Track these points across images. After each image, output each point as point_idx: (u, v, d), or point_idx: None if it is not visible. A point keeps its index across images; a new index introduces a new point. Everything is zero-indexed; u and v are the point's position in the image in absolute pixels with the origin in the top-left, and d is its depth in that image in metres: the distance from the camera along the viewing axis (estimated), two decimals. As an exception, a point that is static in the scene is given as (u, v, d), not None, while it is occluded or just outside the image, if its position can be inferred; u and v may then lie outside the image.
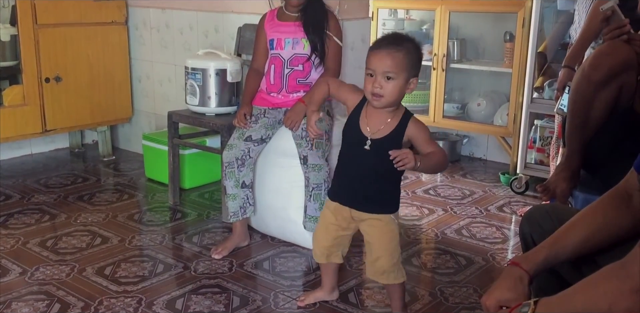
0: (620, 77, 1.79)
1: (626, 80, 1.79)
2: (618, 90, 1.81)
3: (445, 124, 3.97)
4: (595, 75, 1.78)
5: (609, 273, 1.00)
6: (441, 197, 3.34)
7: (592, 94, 1.81)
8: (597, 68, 1.78)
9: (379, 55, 1.78)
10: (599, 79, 1.78)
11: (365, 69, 1.81)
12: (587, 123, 1.86)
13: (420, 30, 4.22)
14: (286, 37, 2.53)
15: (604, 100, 1.82)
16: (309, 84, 2.54)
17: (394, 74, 1.77)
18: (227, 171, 2.54)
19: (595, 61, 1.80)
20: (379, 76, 1.78)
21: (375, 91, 1.79)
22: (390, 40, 1.81)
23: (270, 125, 2.57)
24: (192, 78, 2.93)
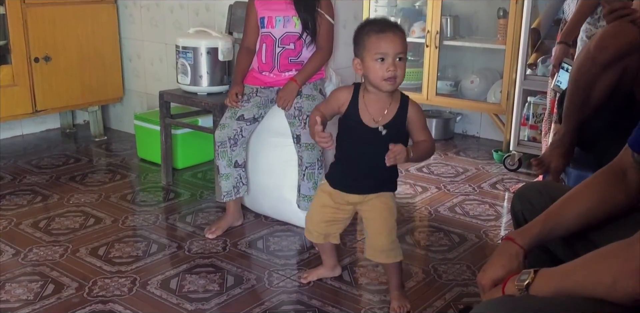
0: (625, 59, 1.78)
1: (630, 62, 1.78)
2: (621, 72, 1.80)
3: (439, 101, 3.95)
4: (601, 57, 1.77)
5: (614, 251, 0.99)
6: (434, 174, 3.34)
7: (596, 75, 1.81)
8: (603, 50, 1.76)
9: (389, 38, 1.76)
10: (604, 61, 1.77)
11: (372, 55, 1.77)
12: (587, 102, 1.86)
13: (413, 7, 4.18)
14: (277, 15, 2.49)
15: (607, 81, 1.81)
16: (300, 62, 2.51)
17: (404, 54, 1.79)
18: (219, 151, 2.53)
19: (602, 43, 1.78)
20: (392, 58, 1.76)
21: (391, 74, 1.77)
22: (387, 23, 1.81)
23: (262, 104, 2.56)
24: (183, 57, 2.89)
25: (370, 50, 1.77)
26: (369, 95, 1.87)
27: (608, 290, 0.97)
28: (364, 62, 1.80)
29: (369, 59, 1.78)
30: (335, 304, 2.03)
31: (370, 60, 1.78)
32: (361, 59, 1.81)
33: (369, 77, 1.81)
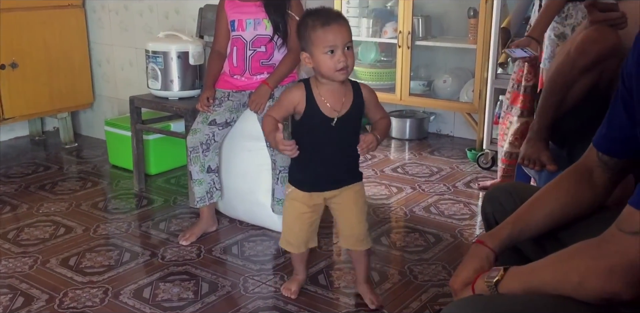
0: (604, 63, 1.81)
1: (608, 66, 1.81)
2: (599, 76, 1.84)
3: (412, 101, 3.96)
4: (581, 60, 1.80)
5: (583, 250, 1.00)
6: (409, 174, 3.34)
7: (574, 78, 1.84)
8: (583, 54, 1.79)
9: (334, 29, 1.78)
10: (584, 65, 1.80)
11: (321, 49, 1.78)
12: (563, 102, 1.90)
13: (384, 8, 4.18)
14: (247, 17, 2.47)
15: (584, 84, 1.86)
16: (272, 65, 2.50)
17: (351, 43, 1.82)
18: (192, 156, 2.50)
19: (582, 47, 1.80)
20: (341, 49, 1.78)
21: (343, 65, 1.79)
22: (331, 14, 1.82)
23: (234, 108, 2.53)
24: (154, 61, 2.86)
25: (319, 44, 1.78)
26: (323, 87, 1.87)
27: (576, 288, 0.97)
28: (313, 55, 1.81)
29: (318, 52, 1.79)
30: (311, 309, 2.02)
31: (320, 54, 1.79)
32: (310, 52, 1.82)
33: (321, 69, 1.82)
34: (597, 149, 1.21)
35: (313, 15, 1.82)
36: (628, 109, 1.11)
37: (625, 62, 1.11)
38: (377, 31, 4.05)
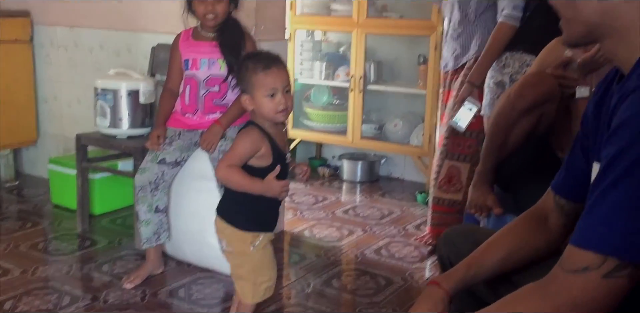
0: (542, 106, 1.90)
1: (546, 110, 1.91)
2: (538, 119, 1.93)
3: (363, 144, 4.00)
4: (520, 103, 1.88)
5: (531, 292, 1.01)
6: (360, 217, 3.34)
7: (514, 120, 1.93)
8: (523, 97, 1.88)
9: (275, 73, 1.83)
10: (523, 108, 1.89)
11: (262, 91, 1.82)
12: (505, 145, 1.97)
13: (337, 52, 4.26)
14: (202, 57, 2.47)
15: (524, 126, 1.94)
16: (225, 105, 2.48)
17: (289, 86, 1.88)
18: (139, 195, 2.43)
19: (522, 90, 1.90)
20: (281, 92, 1.84)
21: (284, 107, 1.84)
22: (271, 58, 1.87)
23: (185, 147, 2.50)
24: (103, 99, 2.81)
25: (260, 87, 1.82)
26: (271, 128, 1.90)
27: None
28: (254, 98, 1.85)
29: (259, 95, 1.83)
30: (260, 355, 1.95)
31: (261, 97, 1.83)
32: (251, 95, 1.85)
33: (263, 112, 1.86)
34: (555, 192, 1.23)
35: (254, 59, 1.87)
36: (586, 152, 1.14)
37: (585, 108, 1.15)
38: (329, 75, 4.11)
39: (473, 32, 2.74)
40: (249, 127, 1.91)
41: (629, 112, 0.89)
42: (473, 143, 2.77)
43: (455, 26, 2.77)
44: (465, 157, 2.80)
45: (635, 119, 0.88)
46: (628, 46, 0.98)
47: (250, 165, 1.88)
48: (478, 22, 2.73)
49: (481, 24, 2.72)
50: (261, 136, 1.88)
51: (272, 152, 1.88)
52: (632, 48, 0.97)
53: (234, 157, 1.88)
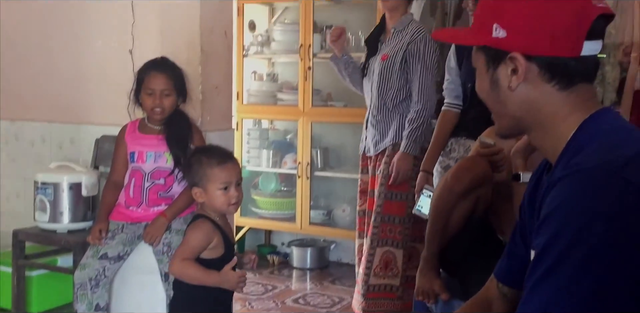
0: (478, 189, 1.96)
1: (482, 192, 1.97)
2: (475, 201, 1.98)
3: (312, 230, 3.98)
4: (457, 186, 1.94)
5: None
6: (311, 305, 3.26)
7: (453, 203, 1.97)
8: (459, 180, 1.94)
9: (229, 168, 1.91)
10: (459, 191, 1.94)
11: (217, 185, 1.88)
12: (446, 229, 2.00)
13: (284, 140, 4.32)
14: (148, 150, 2.46)
15: (463, 209, 1.98)
16: (170, 197, 2.45)
17: (241, 180, 1.96)
18: (79, 293, 2.33)
19: (457, 174, 1.96)
20: (234, 186, 1.90)
21: (236, 200, 1.91)
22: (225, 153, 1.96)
23: (128, 241, 2.43)
24: (42, 193, 2.73)
25: (215, 181, 1.87)
26: (220, 219, 1.93)
27: None
28: (207, 191, 1.89)
29: (213, 188, 1.88)
30: None
31: (214, 190, 1.88)
32: (203, 188, 1.89)
33: (216, 205, 1.90)
34: (497, 279, 1.24)
35: (207, 153, 1.94)
36: (525, 240, 1.16)
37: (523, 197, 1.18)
38: (277, 162, 4.15)
39: (390, 120, 2.84)
40: (200, 220, 1.91)
41: (555, 202, 0.92)
42: (402, 229, 2.79)
43: (375, 113, 2.89)
44: (397, 243, 2.80)
45: (562, 208, 0.90)
46: (552, 137, 1.02)
47: (201, 257, 1.85)
48: (395, 111, 2.84)
49: (398, 112, 2.83)
50: (213, 228, 1.89)
51: (224, 243, 1.88)
52: (556, 139, 1.01)
53: (187, 251, 1.87)
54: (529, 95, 1.02)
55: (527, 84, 1.01)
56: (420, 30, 2.81)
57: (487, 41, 1.02)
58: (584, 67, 1.00)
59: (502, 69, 1.02)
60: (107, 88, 3.03)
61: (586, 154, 0.94)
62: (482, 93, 1.09)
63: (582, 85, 1.01)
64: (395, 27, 2.85)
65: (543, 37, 0.97)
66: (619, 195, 0.88)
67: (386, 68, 2.83)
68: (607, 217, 0.87)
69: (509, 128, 1.09)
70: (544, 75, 1.00)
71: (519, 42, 0.99)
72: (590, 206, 0.88)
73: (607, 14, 1.00)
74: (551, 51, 0.98)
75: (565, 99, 1.01)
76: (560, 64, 0.99)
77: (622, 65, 3.14)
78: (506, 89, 1.03)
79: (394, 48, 2.83)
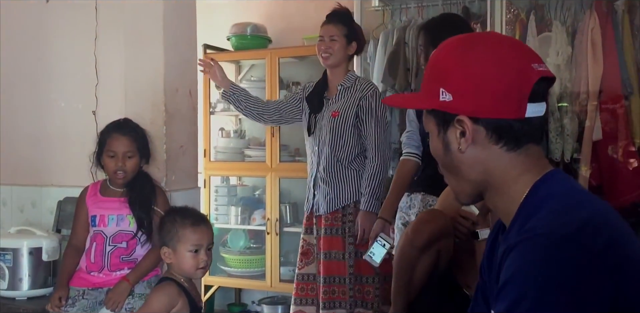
0: (438, 242, 1.97)
1: (444, 245, 1.99)
2: (437, 255, 1.97)
3: (283, 287, 3.90)
4: (417, 240, 1.95)
5: None
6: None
7: (415, 258, 1.98)
8: (419, 233, 1.95)
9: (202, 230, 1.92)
10: (421, 244, 1.95)
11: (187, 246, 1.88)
12: (411, 284, 2.01)
13: (253, 196, 4.29)
14: (110, 213, 2.41)
15: (425, 263, 1.99)
16: (133, 260, 2.39)
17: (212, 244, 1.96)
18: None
19: (417, 227, 1.98)
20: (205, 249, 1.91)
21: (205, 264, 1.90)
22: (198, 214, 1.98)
23: (89, 307, 2.35)
24: (1, 259, 2.64)
25: (186, 242, 1.86)
26: (187, 282, 1.91)
27: None
28: (177, 252, 1.87)
29: (183, 249, 1.87)
30: None
31: (184, 251, 1.87)
32: (173, 249, 1.88)
33: (184, 267, 1.88)
34: None
35: (181, 214, 1.92)
36: (486, 300, 1.15)
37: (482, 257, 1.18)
38: (245, 218, 4.10)
39: (345, 177, 2.78)
40: (165, 283, 1.88)
41: (511, 270, 0.92)
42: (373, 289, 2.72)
43: (327, 170, 2.79)
44: (367, 304, 2.73)
45: (518, 276, 0.90)
46: (505, 199, 1.04)
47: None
48: (349, 167, 2.79)
49: (352, 168, 2.79)
50: (178, 291, 1.86)
51: (189, 307, 1.85)
52: (509, 201, 1.03)
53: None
54: (479, 157, 1.04)
55: (476, 146, 1.03)
56: (370, 86, 2.82)
57: (435, 105, 1.05)
58: (529, 128, 1.02)
59: (452, 132, 1.04)
60: (70, 149, 3.01)
61: (539, 218, 0.95)
62: (438, 156, 1.11)
63: (530, 146, 1.03)
64: (343, 84, 2.83)
65: (486, 99, 1.00)
66: (574, 261, 0.88)
67: (338, 125, 2.78)
68: (562, 286, 0.87)
69: (470, 195, 1.09)
70: (491, 137, 1.02)
71: (465, 105, 1.01)
72: (546, 271, 0.88)
73: (548, 77, 1.03)
74: (496, 113, 1.01)
75: (514, 160, 1.03)
76: (505, 125, 1.01)
77: (579, 117, 3.23)
78: (457, 151, 1.05)
79: (344, 105, 2.79)
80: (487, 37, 1.09)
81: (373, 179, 2.72)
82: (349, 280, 2.71)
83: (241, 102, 2.93)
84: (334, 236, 2.77)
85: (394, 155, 3.79)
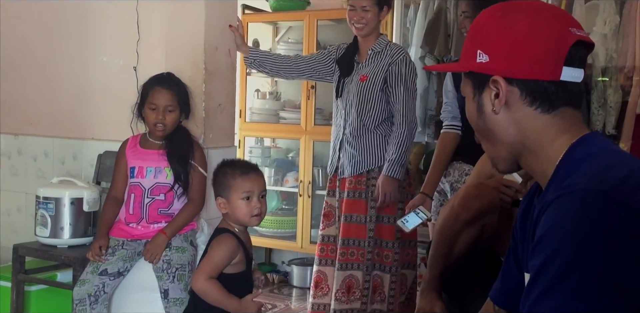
0: (484, 218, 1.95)
1: (489, 221, 1.96)
2: (481, 229, 1.97)
3: (313, 249, 3.91)
4: (463, 214, 1.93)
5: None
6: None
7: (458, 230, 1.96)
8: (466, 208, 1.93)
9: (253, 178, 1.93)
10: (466, 219, 1.93)
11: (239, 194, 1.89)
12: (450, 253, 1.99)
13: (286, 158, 4.33)
14: (148, 165, 2.46)
15: (468, 236, 1.97)
16: (170, 214, 2.45)
17: (265, 192, 1.97)
18: (77, 309, 2.31)
19: (464, 202, 1.95)
20: (257, 196, 1.91)
21: (259, 211, 1.91)
22: (249, 165, 1.99)
23: (128, 257, 2.42)
24: (44, 208, 2.73)
25: (238, 190, 1.88)
26: (242, 233, 1.94)
27: None
28: (230, 201, 1.89)
29: (235, 198, 1.89)
30: None
31: (236, 199, 1.89)
32: (226, 198, 1.89)
33: (238, 215, 1.90)
34: (493, 302, 1.23)
35: (231, 165, 1.96)
36: (518, 262, 1.16)
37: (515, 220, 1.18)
38: (278, 180, 4.15)
39: (371, 141, 2.78)
40: (224, 235, 1.91)
41: (549, 224, 0.92)
42: (392, 254, 2.75)
43: (353, 134, 2.80)
44: (385, 267, 2.76)
45: (556, 229, 0.91)
46: (541, 160, 1.04)
47: (223, 272, 1.88)
48: (375, 131, 2.79)
49: (378, 132, 2.79)
50: (237, 243, 1.90)
51: (245, 259, 1.90)
52: (545, 162, 1.03)
53: (213, 268, 1.87)
54: (513, 119, 1.04)
55: (509, 107, 1.04)
56: (400, 51, 2.79)
57: (472, 67, 1.06)
58: (565, 92, 1.02)
59: (486, 94, 1.05)
60: (110, 104, 3.05)
61: (577, 176, 0.95)
62: (472, 120, 1.12)
63: (565, 109, 1.03)
64: (373, 49, 2.80)
65: (522, 60, 1.01)
66: (611, 216, 0.88)
67: (366, 89, 2.77)
68: (600, 239, 0.87)
69: (506, 159, 1.09)
70: (525, 98, 1.02)
71: (500, 66, 1.02)
72: (583, 228, 0.88)
73: (587, 43, 1.03)
74: (531, 75, 1.01)
75: (548, 122, 1.03)
76: (540, 87, 1.01)
77: (623, 89, 3.16)
78: (490, 113, 1.05)
79: (373, 69, 2.78)
80: (529, 3, 1.09)
81: (398, 146, 2.70)
82: (367, 244, 2.74)
83: (265, 66, 2.93)
84: (356, 199, 2.79)
85: (430, 121, 3.80)
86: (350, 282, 2.74)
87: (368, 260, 2.74)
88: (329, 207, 2.92)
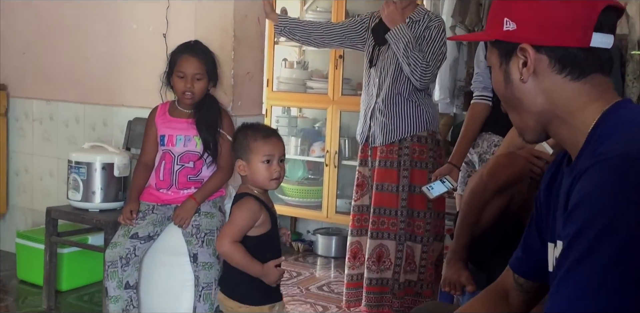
0: (513, 187, 1.93)
1: (518, 190, 1.94)
2: (510, 199, 1.95)
3: (338, 219, 3.98)
4: (492, 183, 1.91)
5: None
6: (335, 293, 3.27)
7: (487, 200, 1.95)
8: (495, 177, 1.91)
9: (273, 141, 1.95)
10: (495, 188, 1.92)
11: (259, 157, 1.91)
12: (478, 223, 1.98)
13: (313, 128, 4.33)
14: (178, 133, 2.48)
15: (496, 205, 1.95)
16: (200, 180, 2.48)
17: (284, 156, 1.99)
18: (109, 271, 2.37)
19: (494, 171, 1.93)
20: (277, 160, 1.93)
21: (278, 175, 1.93)
22: (270, 129, 2.03)
23: (158, 221, 2.46)
24: (76, 172, 2.79)
25: (258, 153, 1.90)
26: (262, 195, 1.96)
27: None
28: (250, 163, 1.91)
29: (256, 160, 1.91)
30: None
31: (257, 162, 1.91)
32: (247, 160, 1.92)
33: (257, 178, 1.93)
34: (513, 270, 1.24)
35: (253, 128, 1.97)
36: (540, 231, 1.15)
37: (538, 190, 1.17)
38: (305, 150, 4.16)
39: (404, 109, 2.76)
40: (244, 199, 1.93)
41: (585, 191, 0.91)
42: (424, 224, 2.75)
43: (386, 102, 2.77)
44: (416, 238, 2.76)
45: (592, 196, 0.90)
46: (571, 128, 1.02)
47: (248, 235, 1.90)
48: (409, 100, 2.75)
49: (412, 101, 2.76)
50: (259, 205, 1.92)
51: (270, 219, 1.92)
52: (575, 130, 1.01)
53: (236, 231, 1.89)
54: (542, 87, 1.02)
55: (538, 75, 1.02)
56: (437, 19, 2.76)
57: (499, 35, 1.04)
58: (595, 58, 1.00)
59: (514, 63, 1.03)
60: (140, 71, 3.07)
61: (611, 143, 0.94)
62: (499, 90, 1.10)
63: (595, 76, 1.01)
64: (412, 17, 2.76)
65: (550, 27, 0.98)
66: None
67: None
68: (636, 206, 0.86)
69: (534, 129, 1.08)
70: (554, 66, 1.00)
71: (528, 33, 1.00)
72: (620, 194, 0.87)
73: (616, 8, 1.00)
74: (560, 41, 0.99)
75: (578, 89, 1.01)
76: (569, 54, 0.99)
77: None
78: (518, 81, 1.03)
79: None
80: None
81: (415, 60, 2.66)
82: (399, 213, 2.75)
83: (295, 34, 2.90)
84: (388, 169, 2.78)
85: (459, 93, 3.75)
86: (380, 251, 2.76)
87: (401, 230, 2.75)
88: (362, 176, 2.92)
